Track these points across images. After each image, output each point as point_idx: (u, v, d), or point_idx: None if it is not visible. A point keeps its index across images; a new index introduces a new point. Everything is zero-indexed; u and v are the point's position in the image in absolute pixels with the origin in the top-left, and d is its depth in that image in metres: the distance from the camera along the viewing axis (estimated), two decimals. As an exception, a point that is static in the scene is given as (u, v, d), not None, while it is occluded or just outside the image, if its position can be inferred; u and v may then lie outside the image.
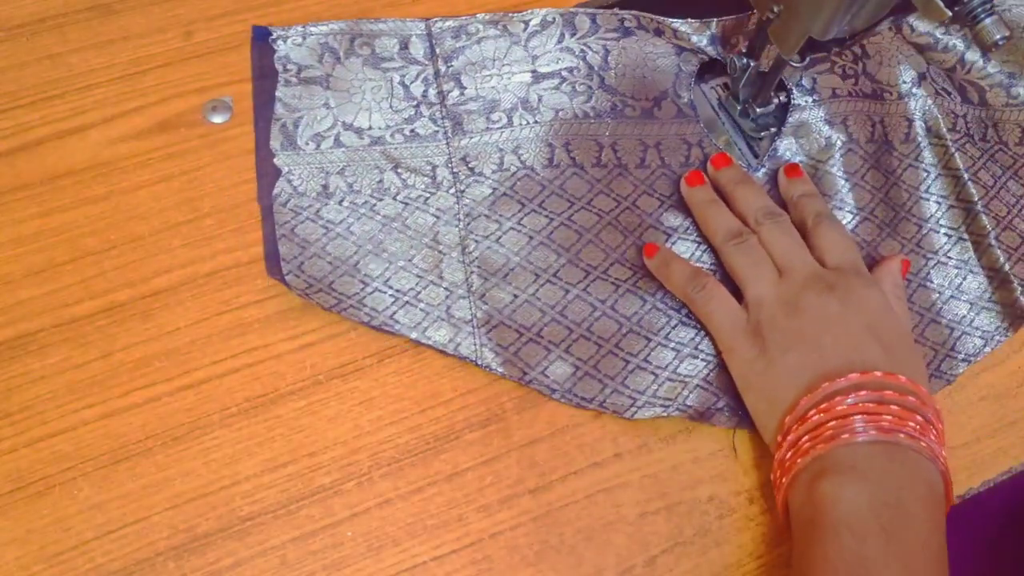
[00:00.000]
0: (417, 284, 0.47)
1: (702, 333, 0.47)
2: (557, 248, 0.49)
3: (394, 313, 0.46)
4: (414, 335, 0.46)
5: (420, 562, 0.41)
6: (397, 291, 0.47)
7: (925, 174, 0.52)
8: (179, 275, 0.47)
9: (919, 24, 0.54)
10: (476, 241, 0.48)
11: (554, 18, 0.54)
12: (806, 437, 0.40)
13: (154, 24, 0.55)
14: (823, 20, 0.43)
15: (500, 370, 0.45)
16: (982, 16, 0.39)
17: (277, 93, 0.51)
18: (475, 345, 0.46)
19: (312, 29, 0.53)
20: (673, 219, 0.50)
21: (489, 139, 0.51)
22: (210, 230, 0.49)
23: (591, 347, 0.46)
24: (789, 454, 0.41)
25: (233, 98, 0.53)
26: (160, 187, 0.50)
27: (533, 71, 0.53)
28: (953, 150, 0.52)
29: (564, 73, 0.53)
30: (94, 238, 0.48)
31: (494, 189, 0.50)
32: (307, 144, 0.50)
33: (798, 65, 0.51)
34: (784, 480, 0.41)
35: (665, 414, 0.45)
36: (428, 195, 0.50)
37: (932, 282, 0.49)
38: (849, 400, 0.40)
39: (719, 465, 0.44)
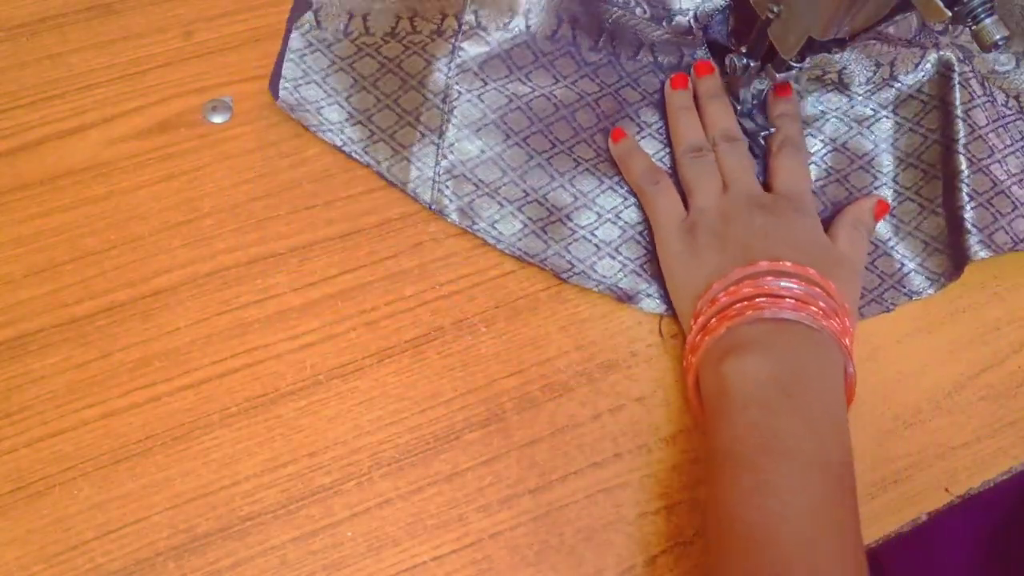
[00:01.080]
0: (396, 123, 0.51)
1: (648, 221, 0.50)
2: (532, 115, 0.52)
3: (367, 146, 0.51)
4: (377, 168, 0.50)
5: (420, 562, 0.41)
6: (377, 127, 0.51)
7: (922, 105, 0.52)
8: (179, 275, 0.47)
9: None
10: (459, 92, 0.51)
11: None
12: (714, 318, 0.43)
13: (154, 24, 0.55)
14: (823, 20, 0.43)
15: (453, 216, 0.49)
16: (982, 16, 0.39)
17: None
18: (433, 190, 0.49)
19: None
20: (649, 116, 0.53)
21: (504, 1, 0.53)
22: (210, 230, 0.49)
23: (543, 211, 0.50)
24: (699, 336, 0.43)
25: (233, 98, 0.53)
26: (160, 187, 0.50)
27: None
28: (956, 82, 0.52)
29: None
30: (94, 238, 0.48)
31: (490, 48, 0.52)
32: None
33: (797, 66, 0.51)
34: (694, 360, 0.43)
35: (596, 289, 0.48)
36: (428, 41, 0.52)
37: (895, 216, 0.51)
38: (759, 281, 0.43)
39: (719, 465, 0.44)
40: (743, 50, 0.52)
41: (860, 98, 0.53)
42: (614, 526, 0.43)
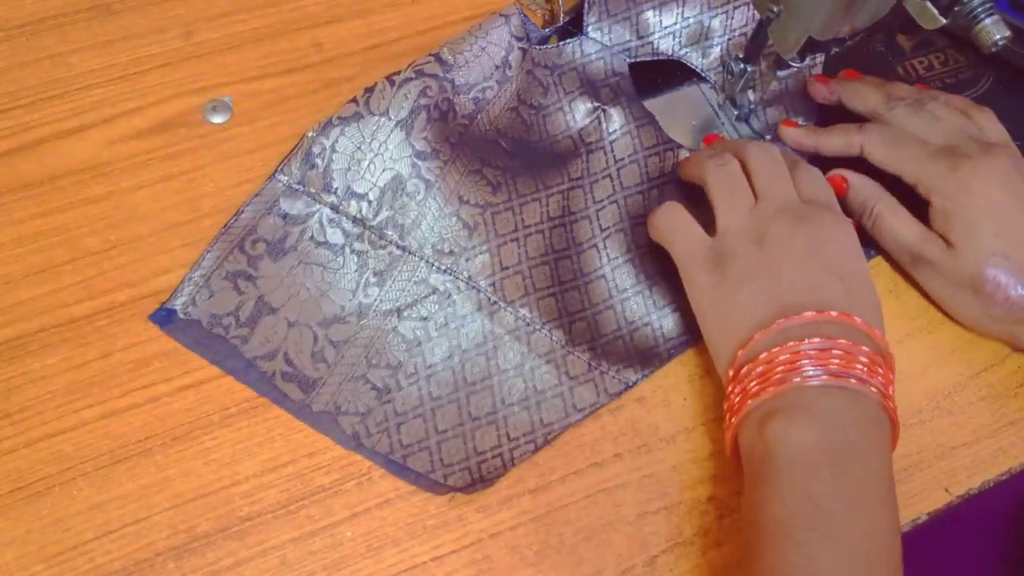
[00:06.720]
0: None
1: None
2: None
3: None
4: None
5: (420, 562, 0.41)
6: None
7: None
8: (179, 275, 0.47)
9: None
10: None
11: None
12: (755, 382, 0.40)
13: (154, 24, 0.55)
14: (823, 20, 0.43)
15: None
16: (982, 16, 0.39)
17: (233, 351, 0.45)
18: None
19: (198, 272, 0.46)
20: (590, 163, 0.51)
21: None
22: (210, 230, 0.49)
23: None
24: (738, 398, 0.41)
25: (233, 98, 0.53)
26: (160, 187, 0.50)
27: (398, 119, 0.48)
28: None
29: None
30: (94, 238, 0.48)
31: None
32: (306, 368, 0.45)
33: (797, 65, 0.51)
34: (733, 420, 0.41)
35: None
36: (448, 306, 0.47)
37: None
38: (802, 346, 0.40)
39: (719, 465, 0.44)
40: (739, 55, 0.52)
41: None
42: (614, 526, 0.43)
